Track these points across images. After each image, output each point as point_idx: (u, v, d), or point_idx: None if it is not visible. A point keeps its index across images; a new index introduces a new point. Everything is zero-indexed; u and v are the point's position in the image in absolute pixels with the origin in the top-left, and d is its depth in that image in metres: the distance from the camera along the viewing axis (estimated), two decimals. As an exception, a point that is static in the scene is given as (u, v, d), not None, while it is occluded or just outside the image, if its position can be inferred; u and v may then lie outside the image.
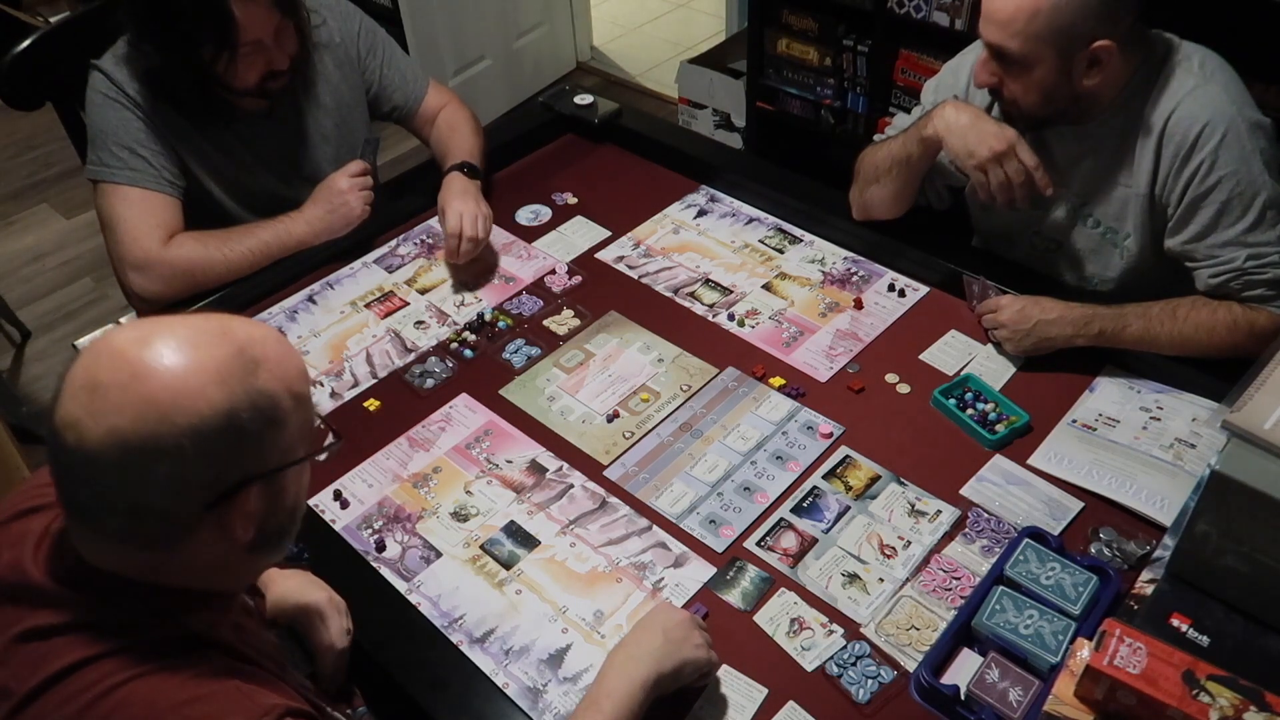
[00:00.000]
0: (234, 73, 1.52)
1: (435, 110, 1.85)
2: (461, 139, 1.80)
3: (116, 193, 1.56)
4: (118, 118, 1.56)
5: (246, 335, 0.80)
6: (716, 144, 2.18)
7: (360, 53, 1.75)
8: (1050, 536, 1.17)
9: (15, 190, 3.57)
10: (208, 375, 0.76)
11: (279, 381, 0.80)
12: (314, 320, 1.62)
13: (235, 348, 0.78)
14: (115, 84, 1.55)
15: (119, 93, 1.55)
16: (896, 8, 2.58)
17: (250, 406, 0.77)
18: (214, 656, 0.81)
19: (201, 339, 0.78)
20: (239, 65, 1.51)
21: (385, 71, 1.79)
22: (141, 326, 0.78)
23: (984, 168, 1.43)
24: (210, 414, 0.75)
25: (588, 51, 4.11)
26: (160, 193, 1.58)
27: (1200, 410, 1.36)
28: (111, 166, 1.56)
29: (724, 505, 1.28)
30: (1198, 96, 1.34)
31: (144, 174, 1.57)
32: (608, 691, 0.99)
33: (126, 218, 1.56)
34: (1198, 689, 0.89)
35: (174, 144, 1.60)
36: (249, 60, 1.51)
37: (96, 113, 1.57)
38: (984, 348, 1.49)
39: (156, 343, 0.76)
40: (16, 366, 2.87)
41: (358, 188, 1.67)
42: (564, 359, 1.52)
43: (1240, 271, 1.34)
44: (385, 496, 1.33)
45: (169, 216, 1.59)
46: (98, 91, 1.56)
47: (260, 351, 0.80)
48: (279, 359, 0.81)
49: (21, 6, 3.56)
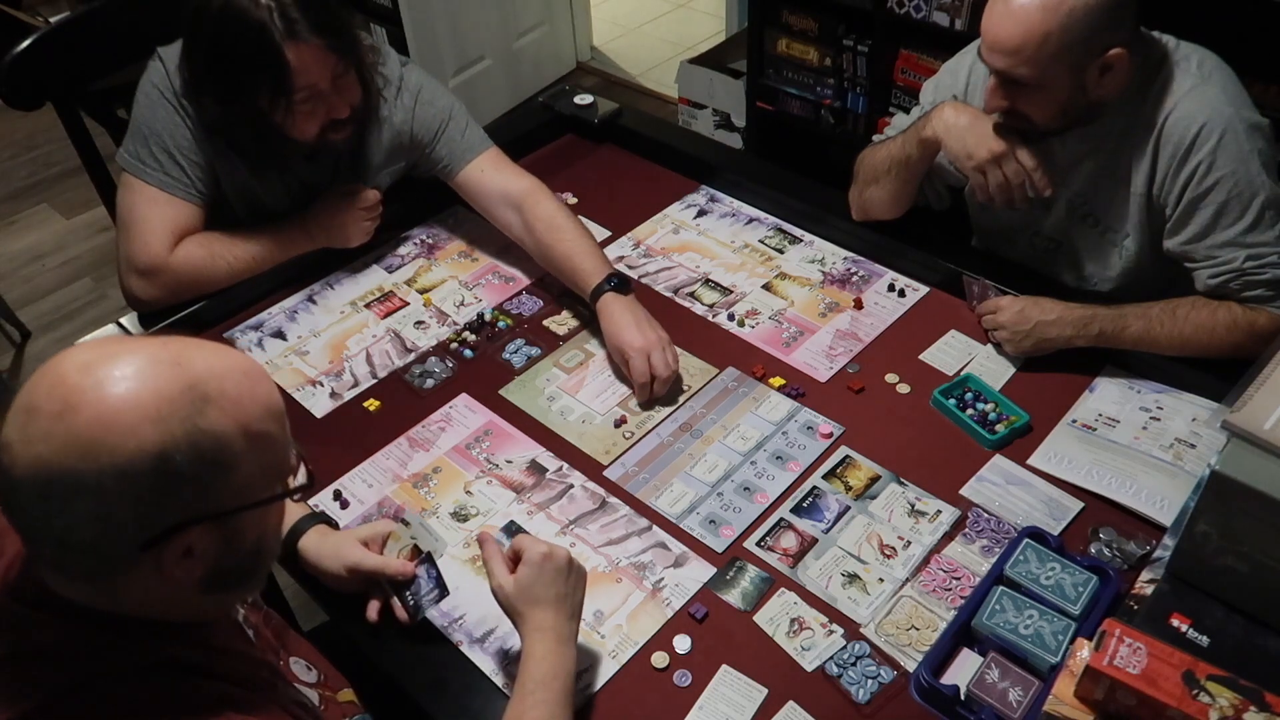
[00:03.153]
0: (293, 123, 1.47)
1: (499, 190, 1.66)
2: (576, 240, 1.57)
3: (144, 191, 1.53)
4: (168, 120, 1.51)
5: (205, 368, 0.75)
6: (716, 144, 2.18)
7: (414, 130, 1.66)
8: (1050, 536, 1.17)
9: (15, 190, 3.57)
10: (143, 412, 0.71)
11: (231, 421, 0.75)
12: (314, 320, 1.62)
13: (185, 383, 0.73)
14: (173, 83, 1.50)
15: (174, 93, 1.51)
16: (896, 8, 2.58)
17: (189, 447, 0.72)
18: (205, 686, 0.79)
19: (150, 370, 0.73)
20: (297, 115, 1.46)
21: (436, 140, 1.67)
22: (95, 349, 0.74)
23: (983, 169, 1.43)
24: (138, 454, 0.70)
25: (588, 51, 4.11)
26: (186, 201, 1.55)
27: (1200, 410, 1.36)
28: (148, 165, 1.52)
29: (724, 505, 1.29)
30: (1195, 97, 1.34)
31: (176, 182, 1.53)
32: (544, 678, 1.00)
33: (147, 218, 1.53)
34: (1198, 689, 0.89)
35: (213, 159, 1.56)
36: (307, 109, 1.45)
37: (148, 105, 1.52)
38: (984, 348, 1.49)
39: (100, 371, 0.72)
40: (16, 366, 2.87)
41: (363, 219, 1.64)
42: (564, 359, 1.52)
43: (1239, 272, 1.34)
44: (385, 496, 1.33)
45: (189, 225, 1.56)
46: (153, 84, 1.52)
47: (215, 388, 0.74)
48: (237, 397, 0.76)
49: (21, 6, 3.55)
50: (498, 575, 1.06)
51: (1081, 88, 1.33)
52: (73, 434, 0.70)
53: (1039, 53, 1.28)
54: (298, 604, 1.67)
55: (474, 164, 1.67)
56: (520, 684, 1.00)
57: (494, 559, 1.07)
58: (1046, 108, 1.36)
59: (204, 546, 0.76)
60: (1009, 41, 1.29)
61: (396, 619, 1.13)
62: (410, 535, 1.15)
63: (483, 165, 1.67)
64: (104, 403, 0.71)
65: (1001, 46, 1.31)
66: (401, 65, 1.66)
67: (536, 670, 1.00)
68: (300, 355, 1.55)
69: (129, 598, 0.78)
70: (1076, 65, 1.30)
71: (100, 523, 0.72)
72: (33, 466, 0.70)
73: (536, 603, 1.04)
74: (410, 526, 1.15)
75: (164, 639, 0.80)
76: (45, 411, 0.71)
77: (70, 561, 0.75)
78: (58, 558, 0.75)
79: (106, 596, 0.78)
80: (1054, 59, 1.28)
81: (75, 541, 0.73)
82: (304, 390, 1.49)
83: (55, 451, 0.70)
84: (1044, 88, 1.33)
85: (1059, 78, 1.31)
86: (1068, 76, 1.31)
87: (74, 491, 0.71)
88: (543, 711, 0.98)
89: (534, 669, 1.00)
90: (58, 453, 0.70)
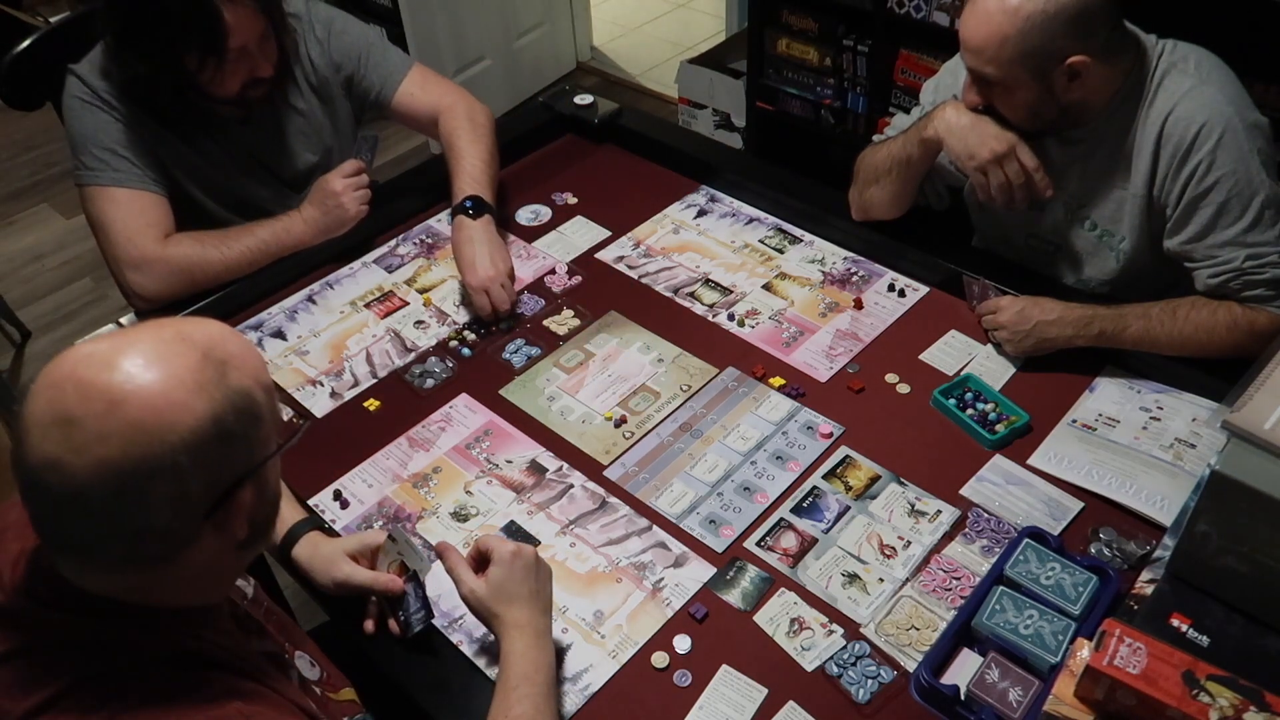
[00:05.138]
0: (219, 80, 1.50)
1: (429, 109, 1.75)
2: (461, 159, 1.68)
3: (104, 195, 1.55)
4: (96, 121, 1.55)
5: (205, 337, 0.79)
6: (716, 144, 2.18)
7: (333, 56, 1.71)
8: (1050, 536, 1.17)
9: (15, 190, 3.57)
10: (184, 387, 0.74)
11: (249, 376, 0.80)
12: (314, 320, 1.62)
13: (200, 353, 0.77)
14: (91, 88, 1.54)
15: (95, 96, 1.54)
16: (896, 8, 2.58)
17: (232, 408, 0.77)
18: (213, 677, 0.81)
19: (165, 350, 0.76)
20: (224, 72, 1.49)
21: (360, 70, 1.74)
22: (97, 351, 0.75)
23: (984, 169, 1.43)
24: (197, 425, 0.74)
25: (588, 51, 4.11)
26: (147, 191, 1.57)
27: (1200, 410, 1.36)
28: (95, 169, 1.55)
29: (724, 505, 1.29)
30: (1195, 97, 1.34)
31: (128, 174, 1.55)
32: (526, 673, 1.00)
33: (117, 218, 1.55)
34: (1198, 689, 0.89)
35: (154, 146, 1.59)
36: (233, 67, 1.49)
37: (74, 117, 1.56)
38: (984, 348, 1.49)
39: (122, 364, 0.74)
40: (16, 366, 2.87)
41: (352, 188, 1.66)
42: (564, 359, 1.52)
43: (1239, 271, 1.34)
44: (385, 496, 1.33)
45: (160, 215, 1.58)
46: (74, 96, 1.55)
47: (223, 351, 0.79)
48: (241, 354, 0.80)
49: (21, 6, 3.56)
50: (467, 580, 1.06)
51: (1049, 92, 1.37)
52: (130, 426, 0.72)
53: (999, 54, 1.33)
54: (298, 604, 1.67)
55: (403, 88, 1.75)
56: (503, 681, 1.01)
57: (459, 565, 1.08)
58: (1016, 109, 1.40)
59: (247, 501, 0.80)
60: (973, 40, 1.35)
61: (391, 631, 1.14)
62: (396, 552, 1.14)
63: (412, 89, 1.75)
64: (147, 389, 0.73)
65: (968, 45, 1.37)
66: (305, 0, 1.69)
67: (518, 666, 1.01)
68: (300, 355, 1.55)
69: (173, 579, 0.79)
70: (1038, 70, 1.34)
71: (177, 502, 0.75)
72: (98, 471, 0.71)
73: (511, 601, 1.04)
74: (397, 543, 1.14)
75: (175, 632, 0.81)
76: (88, 415, 0.71)
77: (141, 551, 0.76)
78: (127, 553, 0.76)
79: (147, 585, 0.79)
80: (1013, 62, 1.33)
81: (150, 530, 0.75)
82: (304, 390, 1.49)
83: (118, 449, 0.71)
84: (1010, 89, 1.37)
85: (1022, 80, 1.35)
86: (1031, 80, 1.35)
87: (151, 478, 0.72)
88: (527, 706, 0.98)
89: (515, 665, 1.01)
90: (122, 449, 0.71)
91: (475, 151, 1.69)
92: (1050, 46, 1.31)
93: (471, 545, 1.11)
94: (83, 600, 0.78)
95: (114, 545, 0.75)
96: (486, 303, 1.54)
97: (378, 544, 1.16)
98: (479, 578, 1.06)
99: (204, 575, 0.82)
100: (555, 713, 1.01)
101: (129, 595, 0.79)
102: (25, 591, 0.80)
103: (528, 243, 1.76)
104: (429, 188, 1.80)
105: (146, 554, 0.77)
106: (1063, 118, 1.42)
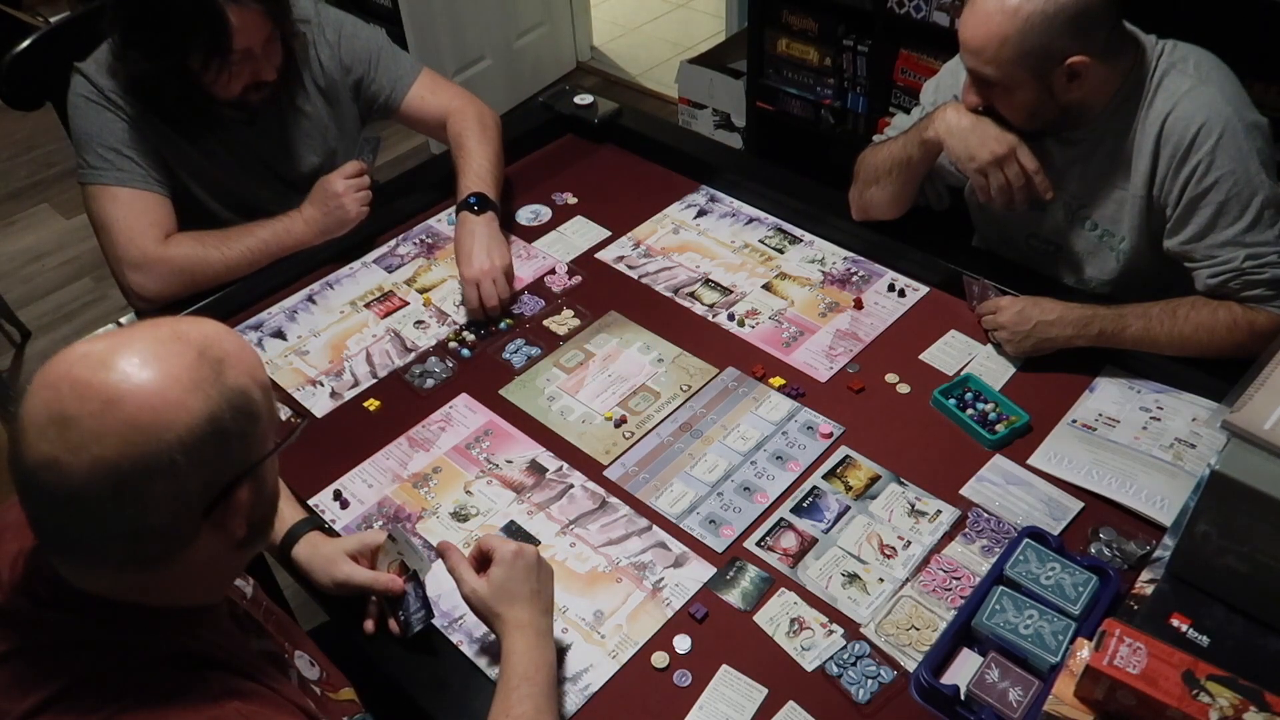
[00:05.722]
0: (222, 82, 1.51)
1: (438, 112, 1.78)
2: (468, 158, 1.70)
3: (106, 194, 1.56)
4: (101, 120, 1.55)
5: (200, 336, 0.79)
6: (716, 144, 2.18)
7: (343, 59, 1.73)
8: (1050, 536, 1.17)
9: (15, 190, 3.57)
10: (180, 385, 0.74)
11: (245, 375, 0.79)
12: (314, 320, 1.62)
13: (196, 352, 0.77)
14: (97, 87, 1.54)
15: (100, 95, 1.55)
16: (896, 8, 2.58)
17: (229, 407, 0.77)
18: (212, 677, 0.81)
19: (160, 349, 0.76)
20: (227, 74, 1.49)
21: (370, 74, 1.75)
22: (93, 350, 0.75)
23: (984, 171, 1.43)
24: (194, 424, 0.74)
25: (588, 51, 4.11)
26: (150, 191, 1.58)
27: (1200, 410, 1.36)
28: (98, 168, 1.55)
29: (724, 505, 1.29)
30: (1194, 97, 1.34)
31: (132, 174, 1.56)
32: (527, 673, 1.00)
33: (119, 218, 1.55)
34: (1198, 689, 0.89)
35: (158, 146, 1.59)
36: (237, 70, 1.50)
37: (79, 116, 1.56)
38: (984, 348, 1.49)
39: (118, 363, 0.73)
40: (16, 366, 2.87)
41: (353, 189, 1.66)
42: (564, 359, 1.52)
43: (1239, 271, 1.34)
44: (385, 496, 1.33)
45: (162, 215, 1.58)
46: (79, 95, 1.56)
47: (219, 350, 0.79)
48: (238, 352, 0.80)
49: (21, 6, 3.56)
50: (468, 580, 1.06)
51: (1049, 93, 1.37)
52: (127, 425, 0.72)
53: (998, 54, 1.33)
54: (298, 604, 1.66)
55: (414, 91, 1.77)
56: (504, 680, 1.01)
57: (461, 565, 1.08)
58: (1016, 109, 1.40)
59: (245, 499, 0.80)
60: (973, 41, 1.35)
61: (390, 630, 1.14)
62: (397, 552, 1.14)
63: (422, 92, 1.78)
64: (143, 388, 0.73)
65: (967, 45, 1.37)
66: (315, 3, 1.70)
67: (519, 665, 1.01)
68: (300, 355, 1.55)
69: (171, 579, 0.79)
70: (1038, 70, 1.33)
71: (174, 501, 0.74)
72: (95, 470, 0.71)
73: (513, 600, 1.04)
74: (397, 543, 1.15)
75: (174, 631, 0.81)
76: (84, 415, 0.71)
77: (140, 551, 0.76)
78: (126, 553, 0.76)
79: (145, 585, 0.79)
80: (1012, 62, 1.33)
81: (148, 529, 0.74)
82: (304, 390, 1.49)
83: (114, 448, 0.71)
84: (1010, 89, 1.37)
85: (1022, 80, 1.35)
86: (1031, 80, 1.35)
87: (148, 477, 0.72)
88: (528, 705, 0.98)
89: (516, 664, 1.01)
90: (119, 447, 0.71)
91: (483, 152, 1.71)
92: (1050, 47, 1.31)
93: (473, 545, 1.11)
94: (81, 600, 0.78)
95: (112, 545, 0.75)
96: (475, 296, 1.55)
97: (378, 544, 1.16)
98: (480, 577, 1.06)
99: (202, 574, 0.82)
100: (556, 712, 1.01)
101: (127, 595, 0.79)
102: (24, 591, 0.80)
103: (528, 243, 1.76)
104: (429, 188, 1.80)
105: (144, 554, 0.77)
106: (1062, 118, 1.42)
